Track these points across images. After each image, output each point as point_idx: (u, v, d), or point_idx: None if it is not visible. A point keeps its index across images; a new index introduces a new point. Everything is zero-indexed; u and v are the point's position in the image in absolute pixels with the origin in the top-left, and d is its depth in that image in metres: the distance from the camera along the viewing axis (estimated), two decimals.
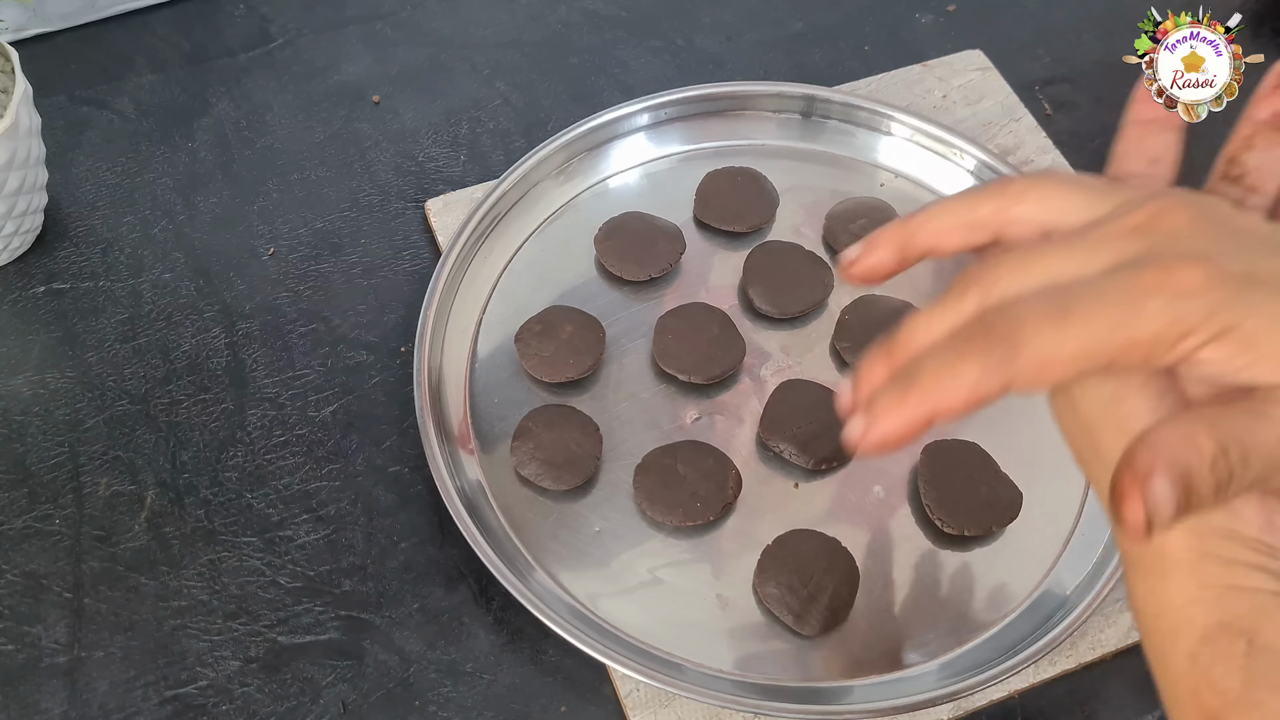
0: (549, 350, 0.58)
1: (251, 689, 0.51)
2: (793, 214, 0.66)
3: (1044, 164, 0.68)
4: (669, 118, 0.68)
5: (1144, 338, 0.27)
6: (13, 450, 0.57)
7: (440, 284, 0.60)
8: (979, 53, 0.74)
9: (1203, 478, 0.26)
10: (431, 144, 0.69)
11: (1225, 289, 0.27)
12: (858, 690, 0.51)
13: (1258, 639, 0.28)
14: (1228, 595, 0.29)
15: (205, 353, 0.60)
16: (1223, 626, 0.29)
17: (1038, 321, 0.27)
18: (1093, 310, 0.27)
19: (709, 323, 0.60)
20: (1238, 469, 0.27)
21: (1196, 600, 0.29)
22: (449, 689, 0.51)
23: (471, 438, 0.57)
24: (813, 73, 0.73)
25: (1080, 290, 0.28)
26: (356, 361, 0.60)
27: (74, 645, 0.52)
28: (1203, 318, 0.27)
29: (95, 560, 0.54)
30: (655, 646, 0.51)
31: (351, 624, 0.53)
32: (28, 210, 0.60)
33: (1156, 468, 0.26)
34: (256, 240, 0.64)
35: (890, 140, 0.68)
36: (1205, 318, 0.27)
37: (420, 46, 0.74)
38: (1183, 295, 0.27)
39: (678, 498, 0.54)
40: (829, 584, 0.52)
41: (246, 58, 0.73)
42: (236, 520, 0.55)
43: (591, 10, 0.76)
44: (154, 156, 0.68)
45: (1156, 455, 0.27)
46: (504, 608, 0.53)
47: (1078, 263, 0.29)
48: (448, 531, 0.54)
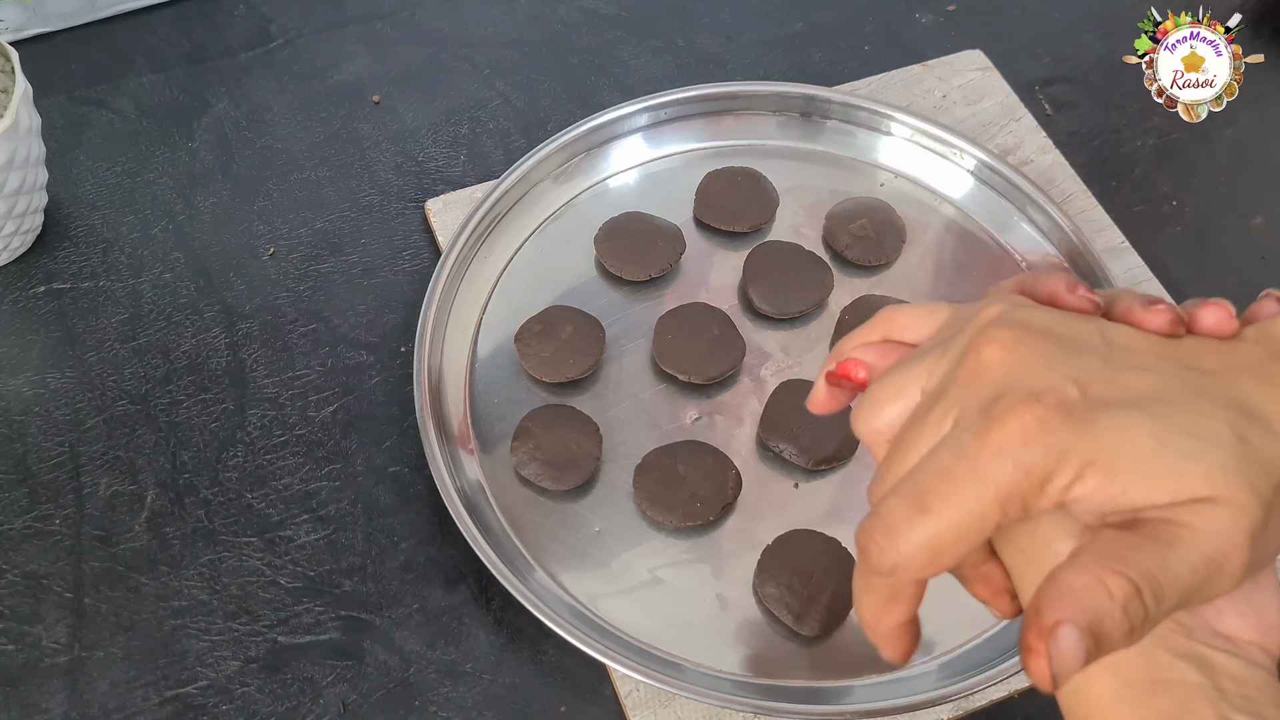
0: (549, 350, 0.58)
1: (251, 689, 0.51)
2: (793, 214, 0.66)
3: (1044, 164, 0.69)
4: (669, 118, 0.68)
5: (1005, 496, 0.27)
6: (13, 450, 0.57)
7: (440, 284, 0.60)
8: (979, 53, 0.74)
9: (1115, 623, 0.26)
10: (431, 144, 0.69)
11: (1067, 423, 0.26)
12: (858, 690, 0.51)
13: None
14: (1153, 691, 0.28)
15: (205, 353, 0.60)
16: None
17: (904, 523, 0.27)
18: (945, 490, 0.27)
19: (709, 323, 0.60)
20: (1152, 608, 0.26)
21: (1121, 699, 0.28)
22: (449, 689, 0.51)
23: (471, 438, 0.57)
24: (813, 73, 0.73)
25: (926, 472, 0.28)
26: (356, 361, 0.60)
27: (74, 645, 0.52)
28: (1056, 459, 0.26)
29: (95, 560, 0.54)
30: (655, 646, 0.51)
31: (351, 624, 0.53)
32: (28, 210, 0.60)
33: (1064, 618, 0.26)
34: (256, 240, 0.64)
35: (890, 140, 0.68)
36: (1059, 459, 0.26)
37: (420, 46, 0.74)
38: (1025, 443, 0.26)
39: (678, 498, 0.54)
40: (829, 584, 0.52)
41: (246, 58, 0.73)
42: (236, 520, 0.55)
43: (591, 10, 0.76)
44: (154, 156, 0.68)
45: (1063, 605, 0.26)
46: (504, 608, 0.53)
47: (929, 438, 0.29)
48: (448, 531, 0.54)
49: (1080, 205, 0.67)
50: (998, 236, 0.65)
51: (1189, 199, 0.70)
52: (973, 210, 0.66)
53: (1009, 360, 0.28)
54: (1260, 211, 0.69)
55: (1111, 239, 0.66)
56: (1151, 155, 0.71)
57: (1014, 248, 0.65)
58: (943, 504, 0.27)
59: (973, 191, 0.67)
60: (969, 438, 0.27)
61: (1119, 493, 0.26)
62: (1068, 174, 0.68)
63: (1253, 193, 0.70)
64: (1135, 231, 0.66)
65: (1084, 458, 0.26)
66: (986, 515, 0.27)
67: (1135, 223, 0.67)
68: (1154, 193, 0.70)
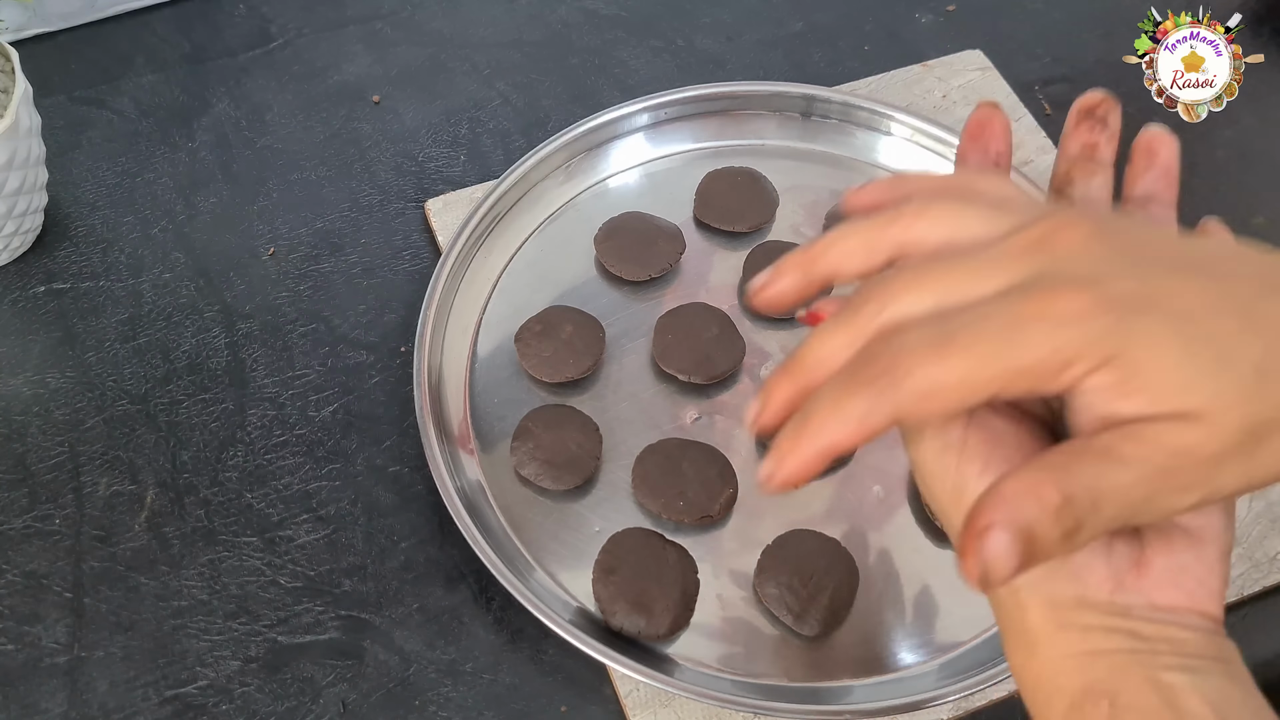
0: (549, 350, 0.58)
1: (251, 689, 0.51)
2: (793, 214, 0.66)
3: (1044, 164, 0.69)
4: (669, 118, 0.68)
5: (1026, 366, 0.27)
6: (13, 450, 0.57)
7: (440, 284, 0.60)
8: (979, 53, 0.74)
9: (1046, 529, 0.26)
10: (431, 144, 0.69)
11: (1110, 315, 0.27)
12: (858, 690, 0.51)
13: (1119, 699, 0.29)
14: (1088, 660, 0.30)
15: (205, 353, 0.60)
16: (1087, 691, 0.29)
17: (920, 353, 0.27)
18: (974, 339, 0.27)
19: (709, 323, 0.60)
20: (1088, 516, 0.27)
21: (1062, 669, 0.30)
22: (449, 689, 0.51)
23: (471, 438, 0.57)
24: (813, 73, 0.73)
25: (963, 318, 0.28)
26: (356, 361, 0.60)
27: (74, 645, 0.52)
28: (1086, 345, 0.26)
29: (95, 560, 0.54)
30: (655, 646, 0.51)
31: (351, 624, 0.53)
32: (28, 210, 0.60)
33: (995, 522, 0.26)
34: (256, 240, 0.64)
35: (890, 140, 0.68)
36: (1088, 345, 0.26)
37: (420, 46, 0.74)
38: (1065, 322, 0.27)
39: (675, 489, 0.54)
40: (829, 584, 0.52)
41: (246, 58, 0.73)
42: (236, 520, 0.55)
43: (591, 10, 0.76)
44: (154, 156, 0.68)
45: (995, 510, 0.26)
46: (504, 608, 0.53)
47: (969, 283, 0.29)
48: (448, 531, 0.54)
49: None
50: None
51: (1189, 199, 0.69)
52: None
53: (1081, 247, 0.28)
54: (1260, 211, 0.69)
55: None
56: None
57: None
58: (964, 351, 0.27)
59: None
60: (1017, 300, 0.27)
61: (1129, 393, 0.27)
62: None
63: (1253, 193, 0.70)
64: None
65: (1110, 350, 0.26)
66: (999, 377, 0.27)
67: None
68: None
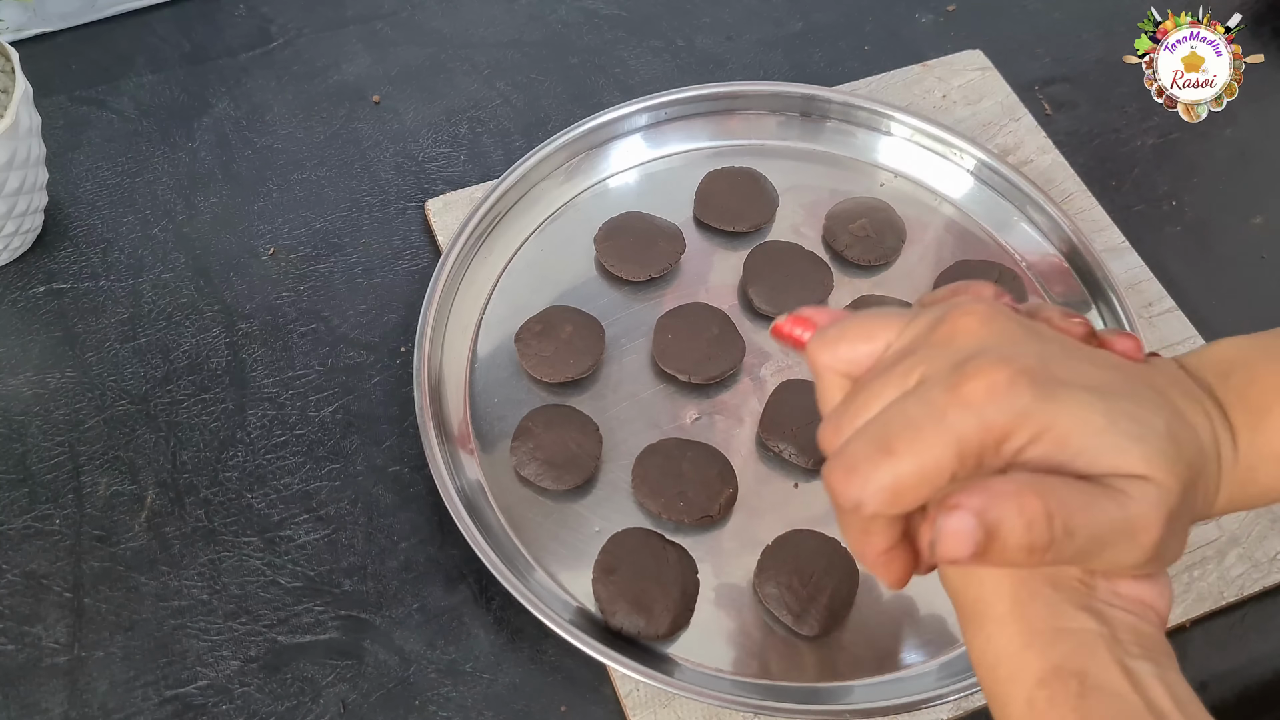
0: (549, 350, 0.58)
1: (251, 689, 0.51)
2: (792, 214, 0.66)
3: (1044, 164, 0.69)
4: (669, 118, 0.68)
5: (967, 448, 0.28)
6: (13, 450, 0.57)
7: (440, 284, 0.60)
8: (979, 53, 0.74)
9: (1014, 533, 0.27)
10: (431, 144, 0.69)
11: (1031, 389, 0.28)
12: (858, 690, 0.51)
13: (1088, 678, 0.29)
14: (1057, 638, 0.30)
15: (205, 353, 0.60)
16: (1055, 669, 0.30)
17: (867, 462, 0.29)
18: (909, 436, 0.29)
19: (709, 323, 0.60)
20: (1060, 538, 0.28)
21: (1028, 646, 0.30)
22: (449, 689, 0.51)
23: (471, 438, 0.57)
24: (813, 73, 0.73)
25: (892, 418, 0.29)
26: (356, 361, 0.60)
27: (74, 645, 0.52)
28: (1015, 421, 0.28)
29: (95, 560, 0.54)
30: (655, 646, 0.51)
31: (351, 624, 0.53)
32: (28, 210, 0.60)
33: (963, 505, 0.27)
34: (256, 240, 0.64)
35: (890, 140, 0.68)
36: (1018, 421, 0.28)
37: (420, 46, 0.74)
38: (990, 401, 0.28)
39: (675, 489, 0.54)
40: (829, 584, 0.52)
41: (246, 58, 0.73)
42: (236, 520, 0.55)
43: (591, 10, 0.76)
44: (154, 156, 0.68)
45: (974, 496, 0.28)
46: (504, 608, 0.53)
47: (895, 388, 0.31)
48: (448, 531, 0.54)
49: (1080, 205, 0.67)
50: (997, 236, 0.66)
51: (1189, 199, 0.70)
52: (972, 210, 0.66)
53: (982, 330, 0.31)
54: (1260, 211, 0.69)
55: (1111, 238, 0.66)
56: (1151, 155, 0.71)
57: (1014, 247, 0.65)
58: (906, 449, 0.29)
59: (972, 191, 0.67)
60: (939, 390, 0.29)
61: (1067, 460, 0.29)
62: (1067, 174, 0.68)
63: (1252, 192, 0.70)
64: (1135, 231, 0.67)
65: (1041, 423, 0.28)
66: (945, 465, 0.29)
67: (1135, 222, 0.67)
68: (1154, 192, 0.70)
